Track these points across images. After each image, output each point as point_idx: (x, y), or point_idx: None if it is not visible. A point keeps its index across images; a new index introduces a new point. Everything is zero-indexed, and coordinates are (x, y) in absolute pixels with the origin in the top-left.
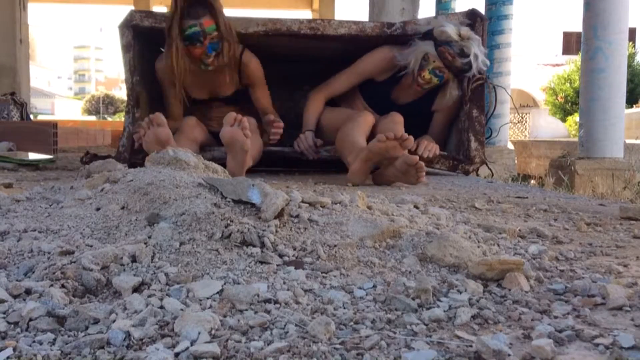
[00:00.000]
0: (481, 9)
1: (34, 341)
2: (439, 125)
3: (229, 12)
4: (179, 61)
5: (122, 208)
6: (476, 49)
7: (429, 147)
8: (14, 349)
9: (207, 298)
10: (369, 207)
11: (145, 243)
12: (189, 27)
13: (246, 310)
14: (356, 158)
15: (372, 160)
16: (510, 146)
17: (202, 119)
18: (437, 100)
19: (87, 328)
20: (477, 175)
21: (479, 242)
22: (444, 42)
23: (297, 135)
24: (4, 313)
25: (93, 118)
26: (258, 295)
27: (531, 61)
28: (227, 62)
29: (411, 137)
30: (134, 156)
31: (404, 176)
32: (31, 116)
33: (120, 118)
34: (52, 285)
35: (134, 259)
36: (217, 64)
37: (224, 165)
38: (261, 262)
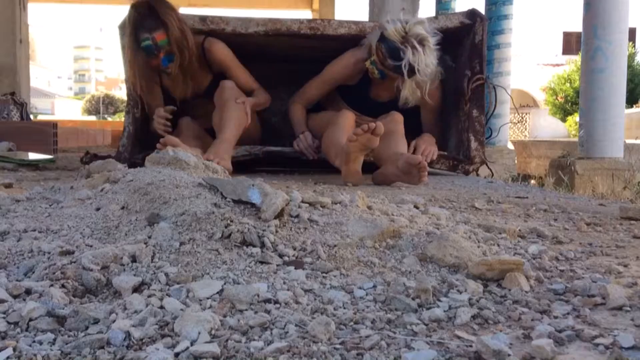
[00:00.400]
0: (481, 9)
1: (34, 341)
2: (428, 121)
3: (229, 12)
4: (134, 72)
5: (122, 208)
6: (412, 57)
7: (426, 152)
8: (14, 349)
9: (207, 298)
10: (369, 207)
11: (145, 243)
12: (142, 40)
13: (246, 310)
14: (342, 160)
15: (356, 159)
16: (510, 146)
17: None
18: (400, 102)
19: (87, 328)
20: (477, 175)
21: (479, 242)
22: (384, 38)
23: (297, 135)
24: (4, 313)
25: (93, 118)
26: (258, 295)
27: (531, 61)
28: (186, 68)
29: (380, 124)
30: (134, 156)
31: (405, 176)
32: (31, 116)
33: (120, 118)
34: (52, 285)
35: (134, 259)
36: (176, 71)
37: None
38: (261, 262)
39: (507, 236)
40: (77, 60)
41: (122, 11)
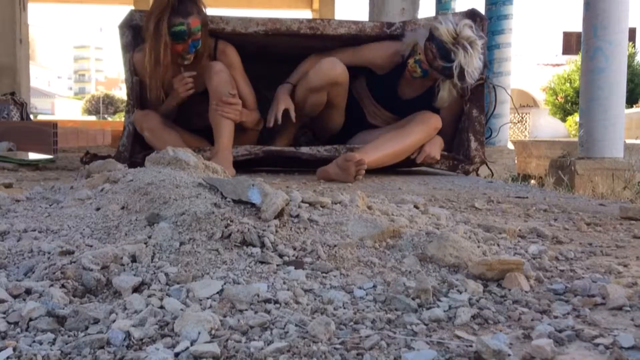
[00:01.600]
0: (481, 9)
1: (34, 341)
2: (446, 122)
3: (229, 11)
4: (165, 57)
5: (122, 208)
6: (464, 59)
7: (427, 158)
8: (14, 349)
9: (207, 298)
10: (369, 207)
11: (145, 243)
12: (177, 24)
13: (246, 310)
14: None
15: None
16: (510, 146)
17: (185, 116)
18: (436, 98)
19: (87, 328)
20: (477, 175)
21: (479, 242)
22: (435, 38)
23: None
24: (4, 313)
25: (93, 118)
26: (258, 295)
27: (531, 61)
28: (204, 57)
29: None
30: (134, 156)
31: (343, 173)
32: (31, 116)
33: (120, 118)
34: (52, 285)
35: (134, 259)
36: (192, 59)
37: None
38: (261, 262)
39: (507, 236)
40: (77, 60)
41: (122, 11)
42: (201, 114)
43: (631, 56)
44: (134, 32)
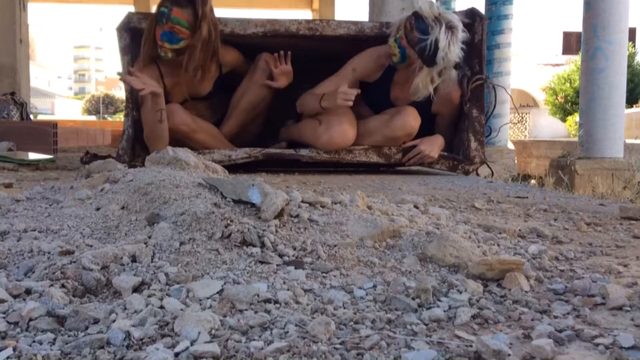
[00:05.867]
0: (481, 8)
1: (34, 341)
2: (440, 128)
3: (229, 12)
4: (150, 36)
5: (122, 208)
6: (440, 37)
7: (425, 157)
8: (14, 349)
9: (207, 298)
10: (369, 207)
11: (145, 243)
12: (162, 4)
13: (246, 310)
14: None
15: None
16: (510, 146)
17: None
18: (411, 90)
19: (87, 328)
20: (477, 175)
21: (479, 242)
22: (416, 13)
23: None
24: (4, 313)
25: (93, 118)
26: (258, 295)
27: (531, 61)
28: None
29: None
30: (135, 159)
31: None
32: (31, 116)
33: (120, 118)
34: (52, 285)
35: (134, 259)
36: (172, 58)
37: (226, 167)
38: (261, 262)
39: (507, 236)
40: (77, 60)
41: (122, 11)
42: (205, 118)
43: (631, 56)
44: (131, 35)
